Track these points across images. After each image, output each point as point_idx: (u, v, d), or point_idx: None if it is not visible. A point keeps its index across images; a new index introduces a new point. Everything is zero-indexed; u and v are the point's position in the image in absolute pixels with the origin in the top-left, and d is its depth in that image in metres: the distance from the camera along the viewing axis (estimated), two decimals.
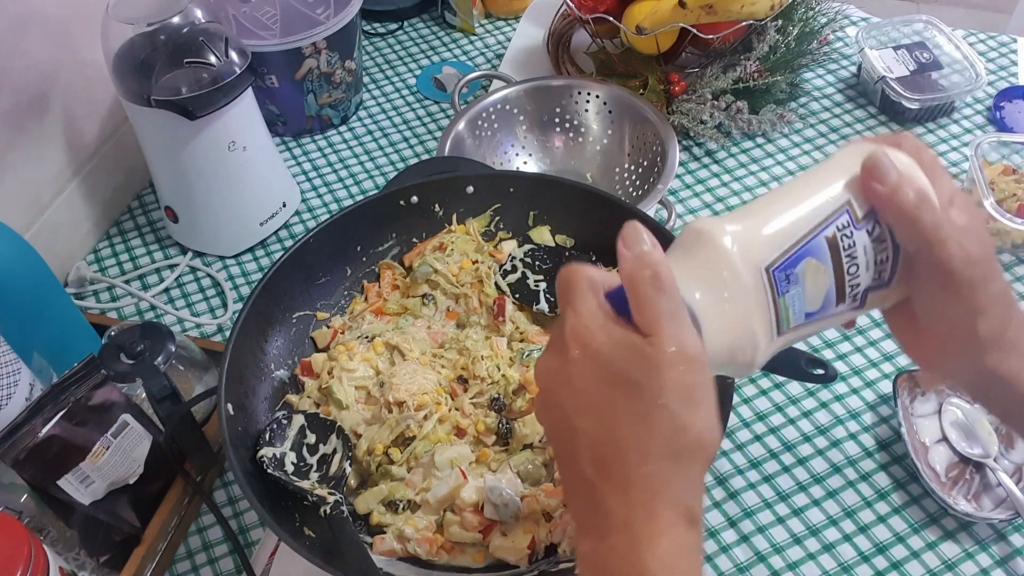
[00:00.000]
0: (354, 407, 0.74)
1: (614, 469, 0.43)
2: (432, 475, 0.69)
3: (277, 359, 0.78)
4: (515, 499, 0.67)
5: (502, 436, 0.72)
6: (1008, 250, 0.95)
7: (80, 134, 0.98)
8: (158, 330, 0.77)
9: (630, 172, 1.01)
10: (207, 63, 0.85)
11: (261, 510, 0.62)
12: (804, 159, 1.07)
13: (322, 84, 1.08)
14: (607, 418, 0.43)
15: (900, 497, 0.77)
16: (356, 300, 0.84)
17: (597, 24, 1.10)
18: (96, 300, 0.97)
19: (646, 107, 1.00)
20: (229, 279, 0.98)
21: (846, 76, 1.18)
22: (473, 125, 1.02)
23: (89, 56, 0.94)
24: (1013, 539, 0.74)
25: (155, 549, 0.73)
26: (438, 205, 0.85)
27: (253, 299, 0.74)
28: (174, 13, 0.84)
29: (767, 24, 1.06)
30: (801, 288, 0.47)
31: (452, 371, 0.76)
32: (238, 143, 0.91)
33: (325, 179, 1.09)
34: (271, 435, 0.71)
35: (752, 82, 1.06)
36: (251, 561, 0.75)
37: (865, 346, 0.88)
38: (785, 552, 0.74)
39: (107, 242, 1.03)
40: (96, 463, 0.67)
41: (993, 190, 0.94)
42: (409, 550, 0.68)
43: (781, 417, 0.83)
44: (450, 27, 1.30)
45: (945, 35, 1.13)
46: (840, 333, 0.89)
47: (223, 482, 0.81)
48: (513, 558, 0.67)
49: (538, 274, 0.83)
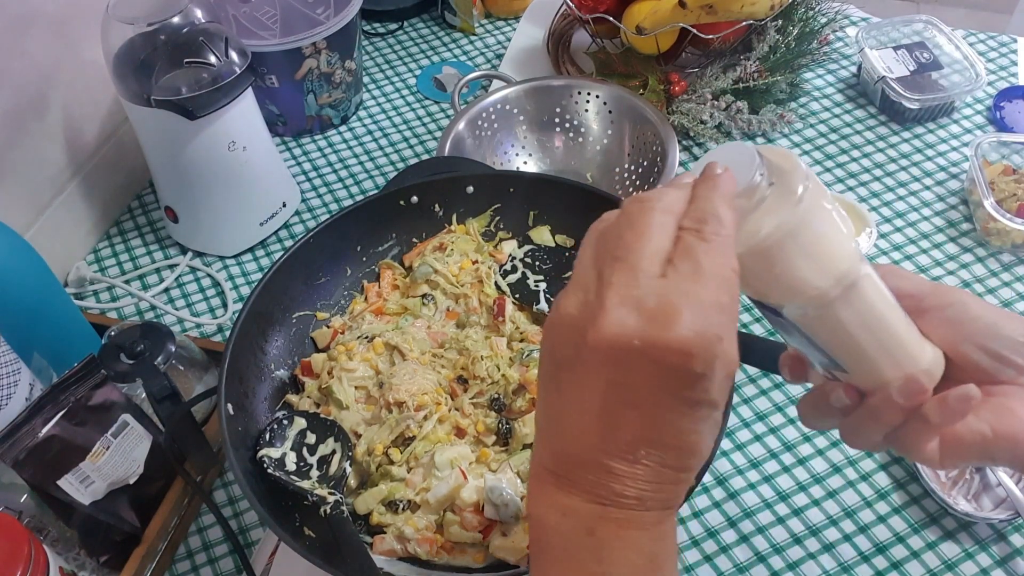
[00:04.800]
0: (354, 407, 0.74)
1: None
2: (432, 475, 0.69)
3: (277, 359, 0.78)
4: (515, 499, 0.67)
5: (502, 436, 0.72)
6: (1008, 250, 0.95)
7: (80, 134, 0.98)
8: (158, 330, 0.78)
9: (630, 172, 1.01)
10: (207, 63, 0.85)
11: (261, 510, 0.62)
12: (804, 159, 1.07)
13: (322, 84, 1.08)
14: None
15: (900, 497, 0.77)
16: (356, 300, 0.84)
17: (597, 24, 1.10)
18: (96, 300, 0.97)
19: (646, 107, 1.00)
20: (229, 279, 0.98)
21: (846, 76, 1.18)
22: (473, 125, 1.02)
23: (89, 56, 0.94)
24: (1013, 539, 0.74)
25: (155, 549, 0.73)
26: (438, 205, 0.85)
27: (253, 299, 0.74)
28: (174, 13, 0.84)
29: (767, 24, 1.06)
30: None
31: (452, 371, 0.76)
32: (238, 143, 0.91)
33: (325, 179, 1.09)
34: (271, 435, 0.71)
35: (752, 82, 1.06)
36: (251, 561, 0.75)
37: None
38: (785, 552, 0.74)
39: (107, 242, 1.03)
40: (96, 463, 0.67)
41: (993, 190, 0.94)
42: (409, 550, 0.68)
43: (781, 417, 0.83)
44: (450, 27, 1.30)
45: (945, 35, 1.13)
46: None
47: (223, 482, 0.81)
48: (513, 558, 0.67)
49: (538, 274, 0.83)
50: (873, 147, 1.08)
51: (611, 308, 0.38)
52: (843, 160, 1.07)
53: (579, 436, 0.40)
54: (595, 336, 0.38)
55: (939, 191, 1.03)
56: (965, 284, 0.93)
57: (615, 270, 0.38)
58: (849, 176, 1.05)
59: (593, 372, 0.38)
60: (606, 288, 0.38)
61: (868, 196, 1.03)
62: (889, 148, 1.08)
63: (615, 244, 0.40)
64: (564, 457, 0.41)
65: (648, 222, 0.39)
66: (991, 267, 0.95)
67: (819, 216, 0.41)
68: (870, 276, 0.43)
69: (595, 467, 0.39)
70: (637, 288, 0.38)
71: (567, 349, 0.40)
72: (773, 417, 0.83)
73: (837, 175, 1.05)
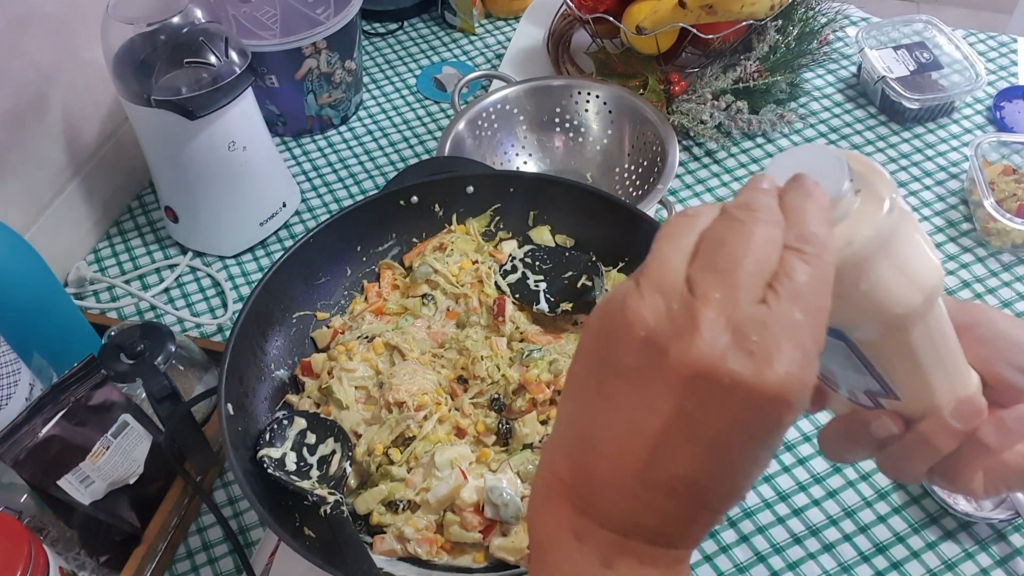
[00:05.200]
0: (354, 407, 0.74)
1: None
2: (432, 475, 0.69)
3: (277, 359, 0.78)
4: (515, 499, 0.67)
5: (502, 436, 0.72)
6: (1008, 250, 0.95)
7: (80, 134, 0.98)
8: (158, 330, 0.78)
9: (630, 172, 1.01)
10: (207, 63, 0.85)
11: (261, 510, 0.62)
12: None
13: (322, 84, 1.08)
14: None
15: (900, 497, 0.77)
16: (356, 300, 0.84)
17: (597, 24, 1.10)
18: (96, 300, 0.97)
19: (646, 107, 1.00)
20: (229, 279, 0.98)
21: (846, 76, 1.18)
22: (473, 125, 1.02)
23: (89, 56, 0.94)
24: (1013, 539, 0.74)
25: (155, 549, 0.73)
26: (438, 205, 0.85)
27: (253, 299, 0.74)
28: (174, 13, 0.84)
29: (767, 24, 1.06)
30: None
31: (452, 371, 0.76)
32: (238, 143, 0.91)
33: (325, 179, 1.09)
34: (271, 435, 0.71)
35: (752, 82, 1.06)
36: (251, 561, 0.75)
37: None
38: (785, 552, 0.74)
39: (107, 242, 1.03)
40: (96, 463, 0.67)
41: (993, 190, 0.94)
42: (409, 550, 0.68)
43: None
44: (450, 27, 1.30)
45: (945, 35, 1.13)
46: None
47: (223, 482, 0.81)
48: (513, 558, 0.67)
49: (538, 274, 0.83)
50: (873, 147, 1.08)
51: (706, 330, 0.32)
52: None
53: (618, 457, 0.35)
54: (681, 356, 0.32)
55: (939, 191, 1.03)
56: (965, 284, 0.93)
57: (714, 284, 0.33)
58: None
59: (663, 394, 0.33)
60: (701, 303, 0.33)
61: None
62: (889, 148, 1.08)
63: (715, 251, 0.34)
64: (589, 475, 0.36)
65: (757, 233, 0.34)
66: (991, 267, 0.95)
67: (909, 226, 0.38)
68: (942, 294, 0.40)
69: (627, 495, 0.35)
70: (738, 312, 0.33)
71: (632, 358, 0.34)
72: None
73: None
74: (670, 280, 0.34)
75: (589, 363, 0.36)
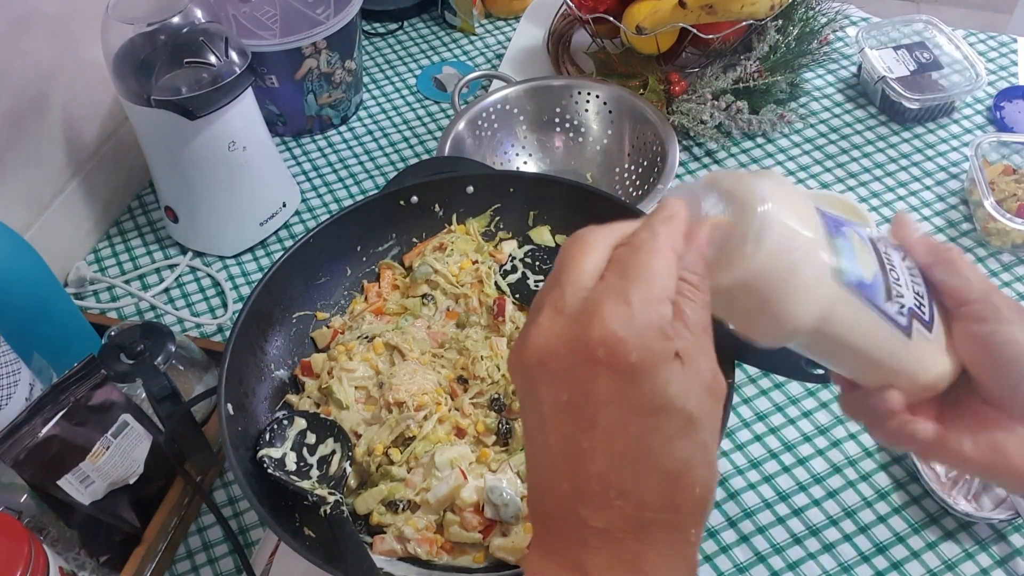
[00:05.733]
0: (354, 407, 0.74)
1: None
2: (432, 475, 0.69)
3: (277, 359, 0.78)
4: (515, 499, 0.67)
5: (502, 436, 0.72)
6: (1008, 250, 0.95)
7: (80, 134, 0.98)
8: (158, 330, 0.78)
9: (630, 172, 1.01)
10: (207, 63, 0.85)
11: (261, 510, 0.62)
12: (804, 159, 1.07)
13: (322, 84, 1.08)
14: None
15: (900, 497, 0.77)
16: (356, 300, 0.84)
17: (597, 24, 1.10)
18: (96, 300, 0.97)
19: (646, 107, 1.00)
20: (229, 279, 0.98)
21: (846, 76, 1.18)
22: (473, 125, 1.02)
23: (89, 56, 0.94)
24: (1013, 539, 0.74)
25: (155, 549, 0.73)
26: (438, 205, 0.85)
27: (253, 299, 0.74)
28: (174, 13, 0.84)
29: (767, 24, 1.06)
30: (851, 247, 0.41)
31: (452, 371, 0.76)
32: (238, 143, 0.91)
33: (325, 179, 1.09)
34: (271, 435, 0.71)
35: (752, 82, 1.06)
36: (251, 561, 0.75)
37: None
38: (785, 552, 0.74)
39: (107, 242, 1.03)
40: (96, 463, 0.67)
41: (993, 190, 0.94)
42: (409, 550, 0.68)
43: (781, 417, 0.83)
44: (450, 27, 1.30)
45: (945, 35, 1.13)
46: None
47: (223, 482, 0.81)
48: (513, 558, 0.67)
49: (538, 274, 0.83)
50: (873, 147, 1.08)
51: (539, 322, 0.36)
52: (843, 160, 1.07)
53: (551, 485, 0.36)
54: (525, 354, 0.36)
55: (939, 191, 1.03)
56: None
57: (548, 294, 0.37)
58: (849, 176, 1.05)
59: (539, 397, 0.36)
60: (536, 311, 0.37)
61: (868, 196, 1.03)
62: (889, 148, 1.08)
63: (553, 274, 0.38)
64: (543, 516, 0.37)
65: (581, 246, 0.38)
66: (991, 267, 0.95)
67: (787, 254, 0.38)
68: (846, 300, 0.40)
69: (571, 522, 0.35)
70: (564, 300, 0.36)
71: (518, 382, 0.37)
72: (773, 417, 0.83)
73: (837, 175, 1.05)
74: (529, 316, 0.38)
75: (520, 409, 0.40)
